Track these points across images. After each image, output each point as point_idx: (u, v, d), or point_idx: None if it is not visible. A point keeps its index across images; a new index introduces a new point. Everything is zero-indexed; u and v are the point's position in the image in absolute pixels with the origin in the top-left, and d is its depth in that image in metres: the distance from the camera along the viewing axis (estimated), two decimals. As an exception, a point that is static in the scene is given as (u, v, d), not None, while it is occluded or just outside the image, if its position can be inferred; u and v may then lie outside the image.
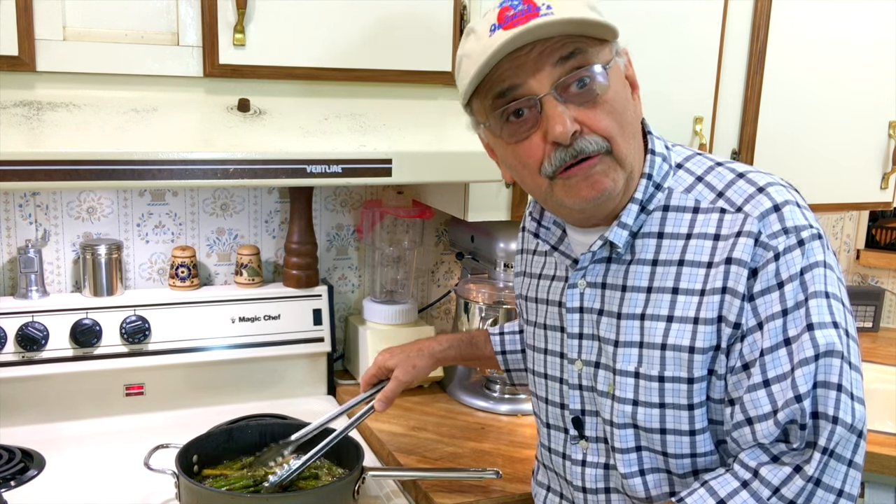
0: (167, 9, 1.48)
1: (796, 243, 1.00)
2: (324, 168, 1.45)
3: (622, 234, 1.08)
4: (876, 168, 2.17)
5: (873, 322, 2.58)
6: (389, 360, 1.48)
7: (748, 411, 1.00)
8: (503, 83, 1.01)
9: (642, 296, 1.08)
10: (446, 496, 1.48)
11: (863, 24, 2.04)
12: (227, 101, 1.52)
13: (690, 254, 1.05)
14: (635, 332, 1.08)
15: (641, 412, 1.09)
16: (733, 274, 1.01)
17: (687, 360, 1.04)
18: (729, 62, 1.95)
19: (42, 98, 1.41)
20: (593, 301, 1.13)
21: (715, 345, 1.03)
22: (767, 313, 1.00)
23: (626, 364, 1.09)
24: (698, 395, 1.05)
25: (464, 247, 2.09)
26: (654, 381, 1.07)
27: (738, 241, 1.01)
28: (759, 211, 1.02)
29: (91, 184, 1.34)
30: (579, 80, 1.00)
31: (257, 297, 1.89)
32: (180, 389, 1.85)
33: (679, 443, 1.07)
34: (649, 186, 1.09)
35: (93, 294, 1.80)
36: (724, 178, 1.07)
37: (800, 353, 0.98)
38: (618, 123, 1.02)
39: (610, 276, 1.12)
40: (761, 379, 1.00)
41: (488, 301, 1.94)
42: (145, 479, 1.43)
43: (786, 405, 0.97)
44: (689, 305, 1.04)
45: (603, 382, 1.13)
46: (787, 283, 0.99)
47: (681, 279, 1.05)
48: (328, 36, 1.57)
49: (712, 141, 1.97)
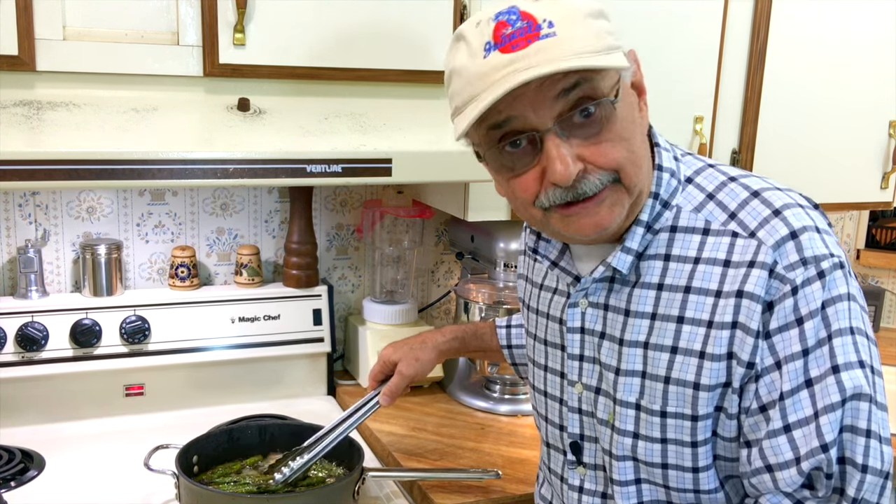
0: (167, 8, 1.48)
1: (816, 275, 0.92)
2: (324, 168, 1.45)
3: (626, 259, 1.02)
4: (876, 168, 2.17)
5: (873, 322, 2.58)
6: (393, 355, 1.48)
7: (768, 458, 0.94)
8: (499, 115, 0.92)
9: (646, 322, 1.02)
10: (446, 496, 1.48)
11: (863, 24, 2.04)
12: (227, 100, 1.52)
13: (698, 280, 0.98)
14: (638, 360, 1.02)
15: (642, 446, 1.03)
16: (745, 309, 0.94)
17: (691, 397, 0.98)
18: (729, 62, 1.95)
19: (42, 98, 1.41)
20: (595, 322, 1.07)
21: (724, 382, 0.97)
22: (786, 353, 0.93)
23: (628, 395, 1.03)
24: (702, 432, 0.99)
25: (464, 247, 2.09)
26: (655, 415, 1.01)
27: (750, 272, 0.94)
28: (773, 239, 0.94)
29: (91, 183, 1.34)
30: (583, 111, 0.91)
31: (257, 297, 1.89)
32: (180, 390, 1.85)
33: (682, 478, 1.02)
34: (656, 205, 1.01)
35: (92, 294, 1.80)
36: (738, 197, 0.99)
37: (825, 397, 0.91)
38: (627, 151, 0.94)
39: (613, 298, 1.05)
40: (781, 424, 0.93)
41: (488, 301, 1.94)
42: (145, 479, 1.42)
43: (810, 454, 0.91)
44: (695, 338, 0.98)
45: (603, 410, 1.08)
46: (807, 319, 0.92)
47: (686, 308, 0.99)
48: (328, 35, 1.57)
49: (712, 141, 1.97)
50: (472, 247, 2.03)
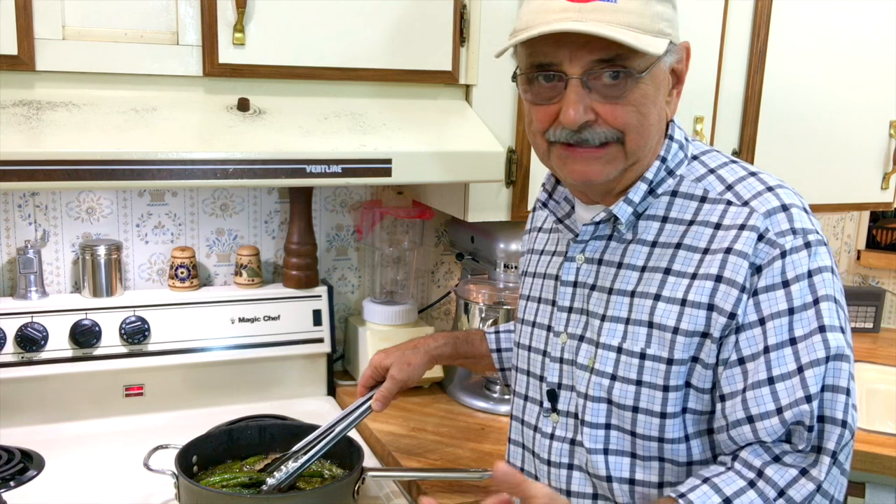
0: (166, 8, 1.48)
1: (803, 245, 1.00)
2: (323, 168, 1.45)
3: (627, 209, 1.09)
4: (876, 168, 2.17)
5: (874, 323, 2.57)
6: (385, 360, 1.48)
7: (750, 409, 0.99)
8: (543, 57, 1.02)
9: (636, 274, 1.09)
10: (446, 496, 1.48)
11: (863, 24, 2.04)
12: (227, 100, 1.52)
13: (689, 238, 1.06)
14: (624, 307, 1.09)
15: (618, 387, 1.08)
16: (731, 264, 1.01)
17: (669, 341, 1.04)
18: (729, 62, 1.95)
19: (41, 98, 1.41)
20: (588, 276, 1.14)
21: (702, 331, 1.02)
22: (772, 310, 0.99)
23: (611, 338, 1.09)
24: (675, 377, 1.04)
25: (464, 247, 2.09)
26: (635, 356, 1.07)
27: (740, 233, 1.01)
28: (765, 208, 1.02)
29: (91, 184, 1.34)
30: (612, 73, 1.00)
31: (257, 297, 1.89)
32: (180, 390, 1.84)
33: (649, 423, 1.07)
34: (661, 169, 1.10)
35: (92, 295, 1.80)
36: (736, 174, 1.08)
37: (810, 353, 0.97)
38: (637, 121, 1.03)
39: (608, 253, 1.13)
40: (766, 376, 0.99)
41: (488, 301, 1.94)
42: (145, 479, 1.42)
43: (794, 404, 0.97)
44: (678, 287, 1.04)
45: (584, 356, 1.13)
46: (794, 282, 0.99)
47: (675, 261, 1.06)
48: (328, 35, 1.57)
49: (712, 141, 1.97)
50: (473, 247, 2.03)
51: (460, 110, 1.69)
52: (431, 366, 1.51)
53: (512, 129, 1.74)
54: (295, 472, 1.39)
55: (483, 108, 1.71)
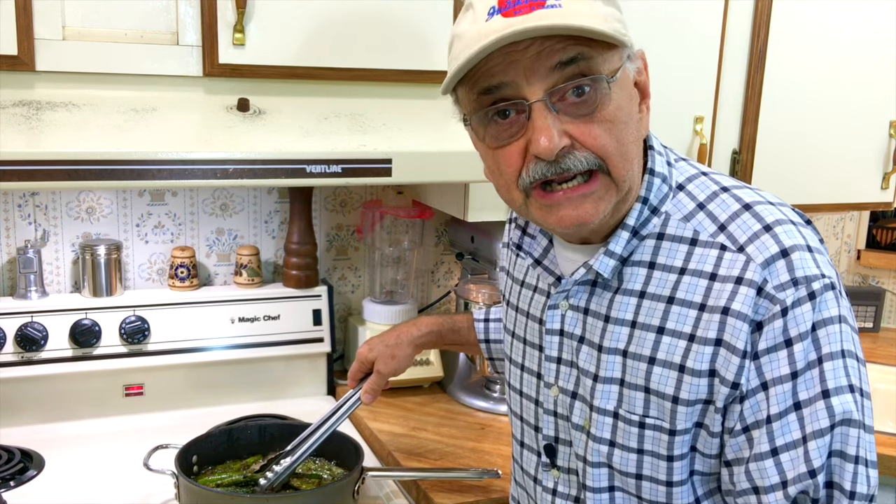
0: (166, 8, 1.48)
1: (806, 296, 0.89)
2: (323, 168, 1.45)
3: (609, 263, 0.99)
4: (876, 168, 2.17)
5: (874, 322, 2.57)
6: (369, 353, 1.48)
7: (755, 480, 0.92)
8: (492, 79, 0.90)
9: (626, 330, 0.99)
10: (446, 496, 1.48)
11: (863, 24, 2.04)
12: (227, 100, 1.52)
13: (682, 292, 0.96)
14: (617, 368, 1.00)
15: (618, 454, 1.01)
16: (730, 327, 0.91)
17: (670, 410, 0.96)
18: (729, 62, 1.95)
19: (41, 98, 1.41)
20: (574, 326, 1.05)
21: (704, 399, 0.94)
22: (774, 375, 0.90)
23: (605, 402, 1.01)
24: (679, 447, 0.97)
25: (464, 247, 2.09)
26: (633, 425, 0.99)
27: (738, 289, 0.91)
28: (763, 256, 0.91)
29: (90, 184, 1.34)
30: (577, 89, 0.89)
31: (257, 297, 1.89)
32: (180, 390, 1.84)
33: (655, 490, 1.00)
34: (644, 210, 0.99)
35: (92, 294, 1.80)
36: (729, 209, 0.96)
37: (813, 422, 0.89)
38: (616, 141, 0.91)
39: (594, 303, 1.03)
40: (769, 448, 0.90)
41: (488, 301, 1.94)
42: (145, 479, 1.42)
43: (798, 479, 0.89)
44: (675, 350, 0.95)
45: (579, 416, 1.05)
46: (797, 341, 0.89)
47: (668, 319, 0.96)
48: (328, 35, 1.57)
49: (712, 141, 1.97)
50: (472, 247, 2.03)
51: (460, 110, 1.69)
52: (417, 353, 1.50)
53: (512, 129, 1.74)
54: (288, 468, 1.39)
55: (483, 108, 1.71)
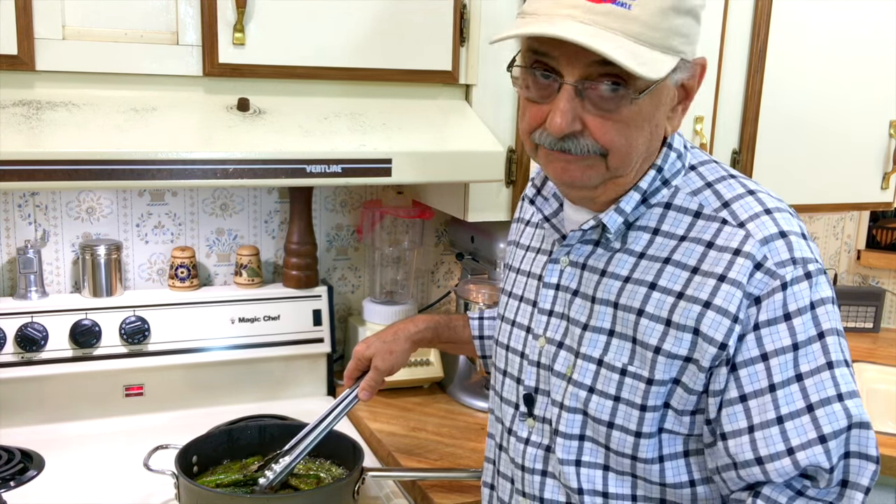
0: (166, 8, 1.47)
1: (803, 275, 0.96)
2: (323, 168, 1.45)
3: (617, 219, 1.05)
4: (876, 168, 2.17)
5: (874, 323, 2.57)
6: (367, 351, 1.48)
7: (759, 449, 0.96)
8: (542, 45, 0.96)
9: (618, 283, 1.05)
10: (446, 496, 1.48)
11: (863, 24, 2.04)
12: (227, 100, 1.52)
13: (679, 255, 1.02)
14: (607, 318, 1.05)
15: (595, 400, 1.05)
16: (724, 292, 0.96)
17: (650, 360, 1.00)
18: (729, 62, 1.95)
19: (41, 97, 1.41)
20: (571, 280, 1.10)
21: (685, 355, 0.99)
22: (775, 346, 0.95)
23: (591, 349, 1.06)
24: (654, 398, 1.01)
25: (464, 247, 2.09)
26: (615, 371, 1.03)
27: (735, 259, 0.97)
28: (762, 234, 0.97)
29: (91, 184, 1.34)
30: (611, 85, 0.94)
31: (257, 297, 1.89)
32: (180, 390, 1.84)
33: (623, 441, 1.04)
34: (656, 179, 1.05)
35: (92, 295, 1.80)
36: (734, 191, 1.03)
37: (819, 391, 0.94)
38: (626, 139, 0.98)
39: (592, 259, 1.09)
40: (774, 415, 0.95)
41: (488, 301, 1.94)
42: (145, 479, 1.42)
43: (807, 445, 0.94)
44: (663, 304, 1.00)
45: (561, 363, 1.10)
46: (795, 315, 0.95)
47: (661, 276, 1.02)
48: (328, 35, 1.57)
49: (712, 141, 1.97)
50: (472, 247, 2.03)
51: (460, 110, 1.69)
52: (414, 350, 1.50)
53: (512, 128, 1.74)
54: (286, 468, 1.39)
55: (483, 107, 1.71)
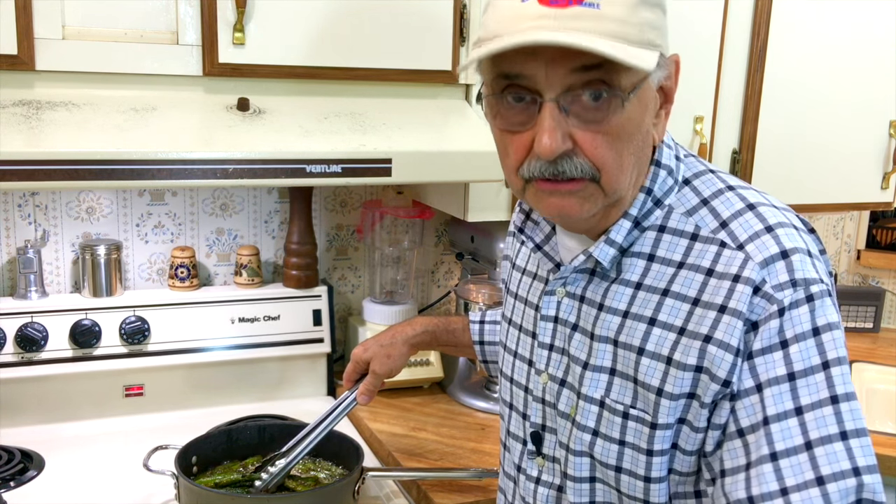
0: (166, 8, 1.47)
1: (804, 298, 0.87)
2: (323, 168, 1.45)
3: (609, 251, 0.98)
4: (876, 168, 2.17)
5: (874, 322, 2.57)
6: (364, 354, 1.48)
7: (751, 488, 0.87)
8: (513, 66, 0.88)
9: (617, 319, 0.98)
10: (446, 496, 1.48)
11: (863, 24, 2.04)
12: (227, 100, 1.52)
13: (677, 285, 0.95)
14: (608, 357, 0.99)
15: (600, 444, 1.00)
16: (724, 325, 0.89)
17: (654, 403, 0.94)
18: (729, 62, 1.95)
19: (41, 97, 1.41)
20: (569, 313, 1.04)
21: (688, 392, 0.92)
22: (769, 375, 0.87)
23: (593, 390, 1.00)
24: (659, 442, 0.95)
25: (464, 247, 2.09)
26: (618, 415, 0.98)
27: (735, 287, 0.90)
28: (762, 256, 0.90)
29: (90, 184, 1.33)
30: (593, 93, 0.87)
31: (257, 297, 1.89)
32: (180, 390, 1.84)
33: (633, 485, 0.98)
34: (647, 202, 0.98)
35: (92, 294, 1.80)
36: (732, 207, 0.96)
37: (820, 427, 0.85)
38: (617, 154, 0.90)
39: (590, 291, 1.02)
40: (767, 452, 0.86)
41: (488, 301, 1.94)
42: (144, 480, 1.42)
43: (802, 487, 0.84)
44: (664, 342, 0.94)
45: (565, 403, 1.04)
46: (792, 343, 0.87)
47: (661, 311, 0.95)
48: (328, 35, 1.56)
49: (712, 141, 1.97)
50: (472, 247, 2.03)
51: (460, 110, 1.69)
52: (412, 354, 1.50)
53: (512, 128, 1.74)
54: (283, 470, 1.39)
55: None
